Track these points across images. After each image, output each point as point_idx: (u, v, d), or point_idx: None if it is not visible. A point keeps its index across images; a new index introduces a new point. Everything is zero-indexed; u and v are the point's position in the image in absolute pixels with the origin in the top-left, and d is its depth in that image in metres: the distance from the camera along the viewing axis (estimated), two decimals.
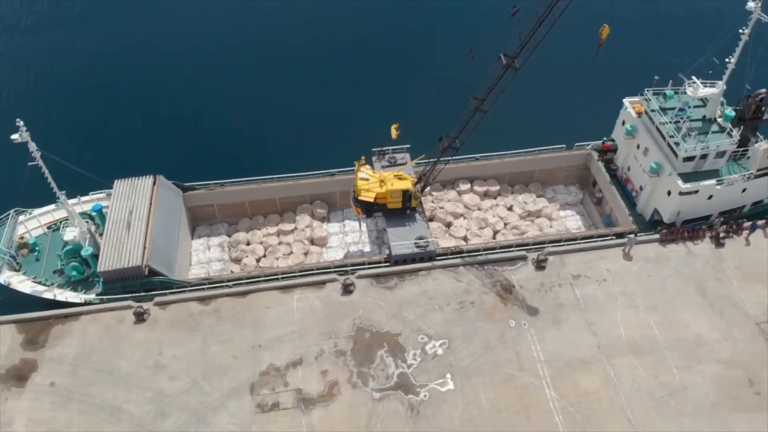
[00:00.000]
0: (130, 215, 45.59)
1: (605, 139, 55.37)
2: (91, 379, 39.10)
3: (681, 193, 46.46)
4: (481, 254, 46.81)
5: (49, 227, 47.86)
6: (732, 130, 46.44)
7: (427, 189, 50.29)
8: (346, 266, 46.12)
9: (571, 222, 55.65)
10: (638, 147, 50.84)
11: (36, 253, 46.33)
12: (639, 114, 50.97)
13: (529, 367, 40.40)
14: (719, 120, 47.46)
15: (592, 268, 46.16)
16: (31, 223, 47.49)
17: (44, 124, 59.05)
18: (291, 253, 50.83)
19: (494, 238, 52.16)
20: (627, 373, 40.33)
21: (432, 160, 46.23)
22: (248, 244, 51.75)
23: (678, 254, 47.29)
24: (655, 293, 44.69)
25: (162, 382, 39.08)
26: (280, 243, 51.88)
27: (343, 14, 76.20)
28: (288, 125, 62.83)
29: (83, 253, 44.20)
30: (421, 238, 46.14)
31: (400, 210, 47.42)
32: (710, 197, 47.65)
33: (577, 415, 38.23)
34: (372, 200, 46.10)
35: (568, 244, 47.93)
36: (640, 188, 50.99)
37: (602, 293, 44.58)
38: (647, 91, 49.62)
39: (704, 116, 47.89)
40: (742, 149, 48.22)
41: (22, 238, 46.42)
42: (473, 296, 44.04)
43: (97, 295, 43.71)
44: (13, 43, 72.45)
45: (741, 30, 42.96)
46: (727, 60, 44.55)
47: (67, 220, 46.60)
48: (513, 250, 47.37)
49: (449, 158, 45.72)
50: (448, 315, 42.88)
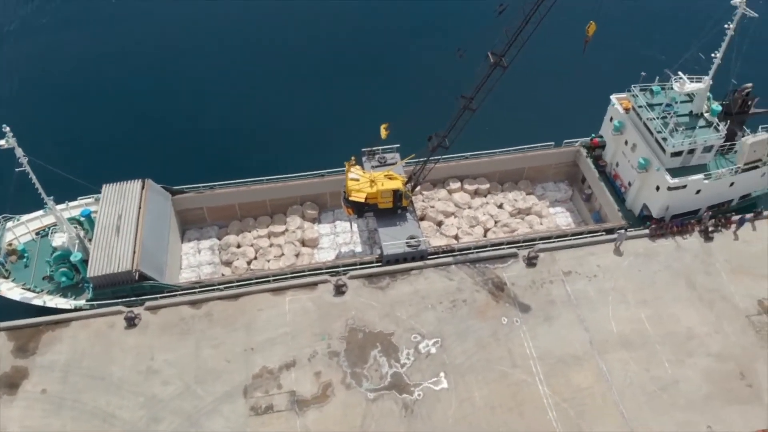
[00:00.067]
0: (119, 220, 45.30)
1: (593, 135, 55.64)
2: (82, 385, 38.81)
3: (669, 188, 46.77)
4: (473, 252, 46.90)
5: (37, 233, 47.47)
6: (719, 125, 46.79)
7: (418, 188, 50.30)
8: (337, 267, 46.06)
9: (561, 219, 55.89)
10: (626, 143, 51.14)
11: (25, 260, 45.92)
12: (626, 110, 51.25)
13: (522, 363, 40.52)
14: (706, 115, 47.82)
15: (582, 264, 46.38)
16: (20, 230, 47.09)
17: (30, 130, 58.19)
18: (282, 254, 50.69)
19: (485, 236, 52.29)
20: (619, 368, 40.55)
21: (422, 159, 46.26)
22: (239, 246, 51.57)
23: (667, 249, 47.60)
24: (645, 288, 44.96)
25: (154, 387, 38.86)
26: (271, 245, 51.73)
27: (330, 15, 76.08)
28: (277, 126, 62.65)
29: (72, 258, 43.87)
30: (412, 238, 46.16)
31: (391, 210, 47.42)
32: (698, 192, 48.00)
33: (570, 411, 38.39)
34: (363, 200, 46.07)
35: (558, 241, 48.12)
36: (629, 184, 51.29)
37: (593, 289, 44.79)
38: (634, 87, 49.92)
39: (691, 111, 48.23)
40: (729, 143, 48.63)
41: (10, 244, 46.03)
42: (465, 294, 44.12)
43: (87, 300, 43.41)
44: None
45: (726, 25, 43.30)
46: (713, 55, 44.88)
47: (55, 225, 46.25)
48: (504, 248, 47.52)
49: (439, 157, 45.80)
50: (440, 314, 42.93)
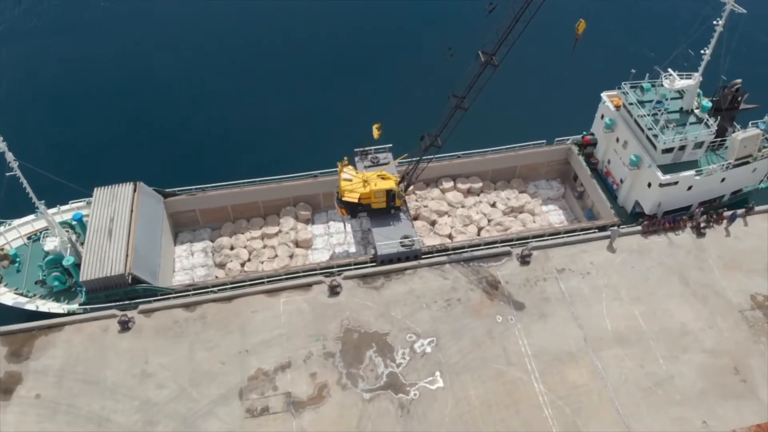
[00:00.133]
0: (111, 223, 45.10)
1: (585, 133, 55.86)
2: (77, 390, 38.62)
3: (661, 185, 46.98)
4: (466, 251, 46.96)
5: (29, 238, 47.22)
6: (709, 121, 47.05)
7: (411, 188, 50.28)
8: (332, 268, 46.02)
9: (554, 216, 56.02)
10: (617, 140, 51.31)
11: (17, 265, 45.66)
12: (617, 107, 51.45)
13: (517, 361, 40.61)
14: (696, 111, 48.08)
15: (576, 262, 46.52)
16: (11, 234, 46.84)
17: (21, 134, 57.99)
18: (276, 256, 50.59)
19: (479, 234, 52.39)
20: (614, 364, 40.70)
21: (414, 158, 46.29)
22: (232, 248, 51.42)
23: (660, 245, 47.81)
24: (638, 284, 45.15)
25: (149, 391, 38.69)
26: (264, 246, 51.62)
27: (321, 16, 76.02)
28: (269, 127, 62.53)
29: (65, 262, 43.68)
30: (406, 237, 46.17)
31: (385, 210, 47.44)
32: (690, 188, 48.23)
33: (566, 408, 38.49)
34: (356, 201, 46.06)
35: (551, 239, 48.25)
36: (621, 181, 51.48)
37: (587, 286, 44.94)
38: (625, 84, 50.15)
39: (681, 108, 48.47)
40: (719, 139, 48.90)
41: (2, 249, 45.80)
42: (460, 293, 44.16)
43: (80, 305, 43.21)
44: None
45: (715, 21, 43.52)
46: (702, 52, 45.10)
47: (47, 230, 46.02)
48: (497, 246, 47.61)
49: (432, 157, 45.83)
50: (435, 313, 42.96)
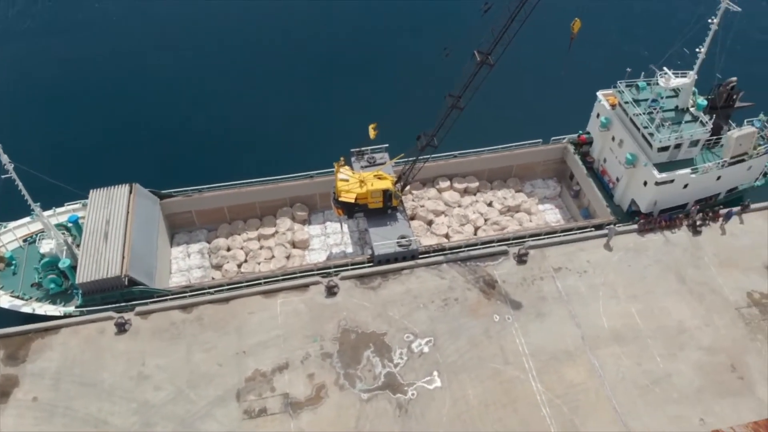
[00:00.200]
0: (107, 225, 44.99)
1: (581, 132, 55.88)
2: (74, 392, 38.49)
3: (657, 183, 47.06)
4: (463, 251, 46.98)
5: (24, 240, 47.04)
6: (704, 119, 47.16)
7: (407, 188, 50.33)
8: (329, 268, 45.97)
9: (550, 215, 56.08)
10: (613, 139, 51.40)
11: (12, 267, 45.48)
12: (613, 106, 51.50)
13: (514, 360, 40.62)
14: (692, 109, 48.19)
15: (572, 260, 46.57)
16: (7, 237, 46.63)
17: (15, 136, 57.83)
18: (273, 257, 50.54)
19: (475, 234, 52.42)
20: (611, 362, 40.74)
21: (411, 158, 46.29)
22: (228, 249, 51.35)
23: (656, 243, 47.90)
24: (635, 283, 45.22)
25: (146, 393, 38.59)
26: (261, 247, 51.55)
27: (316, 16, 76.07)
28: (265, 128, 62.45)
29: (61, 265, 43.52)
30: (403, 237, 46.16)
31: (381, 210, 47.41)
32: (686, 186, 48.34)
33: (564, 407, 38.52)
34: (353, 201, 46.01)
35: (548, 238, 48.30)
36: (617, 179, 51.56)
37: (584, 284, 44.99)
38: (620, 83, 50.18)
39: (677, 106, 48.57)
40: (715, 137, 48.95)
41: None
42: (457, 293, 44.17)
43: (76, 307, 43.07)
44: None
45: (710, 20, 43.63)
46: (697, 50, 45.21)
47: (42, 232, 45.91)
48: (494, 246, 47.63)
49: (428, 156, 45.82)
50: (432, 312, 42.96)
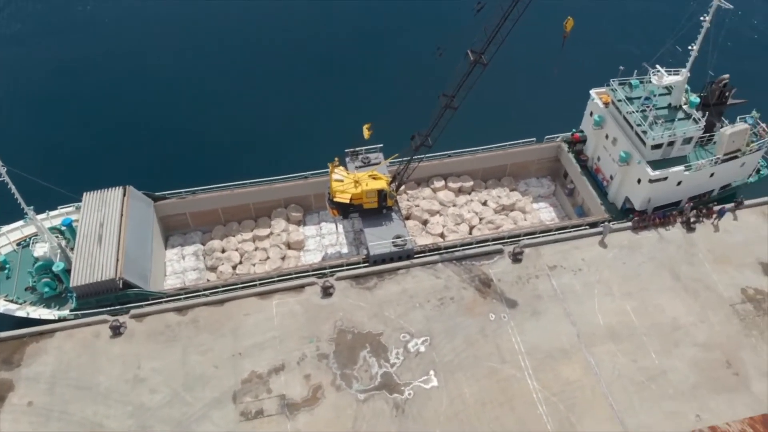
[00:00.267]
0: (101, 228, 44.82)
1: (574, 130, 56.01)
2: (69, 396, 38.33)
3: (651, 181, 47.20)
4: (459, 250, 47.02)
5: (18, 244, 46.75)
6: (697, 117, 47.33)
7: (402, 188, 50.34)
8: (324, 269, 45.92)
9: (545, 214, 56.17)
10: (607, 137, 51.54)
11: (6, 271, 45.23)
12: (606, 104, 51.65)
13: (510, 359, 40.69)
14: (684, 107, 48.34)
15: (567, 258, 46.67)
16: (0, 241, 46.35)
17: (8, 139, 58.03)
18: (268, 258, 50.46)
19: (470, 233, 52.47)
20: (607, 360, 40.87)
21: (405, 158, 46.29)
22: (223, 251, 51.22)
23: (650, 240, 48.06)
24: (630, 280, 45.35)
25: (142, 396, 38.47)
26: (256, 249, 51.45)
27: (308, 16, 75.92)
28: (258, 129, 62.32)
29: (55, 268, 43.31)
30: (398, 237, 46.15)
31: (376, 210, 47.39)
32: (679, 183, 48.50)
33: (560, 405, 38.61)
34: (347, 201, 45.98)
35: (542, 236, 48.38)
36: (611, 177, 51.68)
37: (579, 282, 45.09)
38: (613, 81, 50.33)
39: (670, 104, 48.70)
40: (708, 135, 49.18)
41: None
42: (452, 292, 44.20)
43: (71, 310, 42.88)
44: None
45: (702, 17, 43.79)
46: (689, 48, 45.37)
47: (36, 235, 45.63)
48: (489, 245, 47.69)
49: (422, 156, 45.84)
50: (428, 312, 42.97)
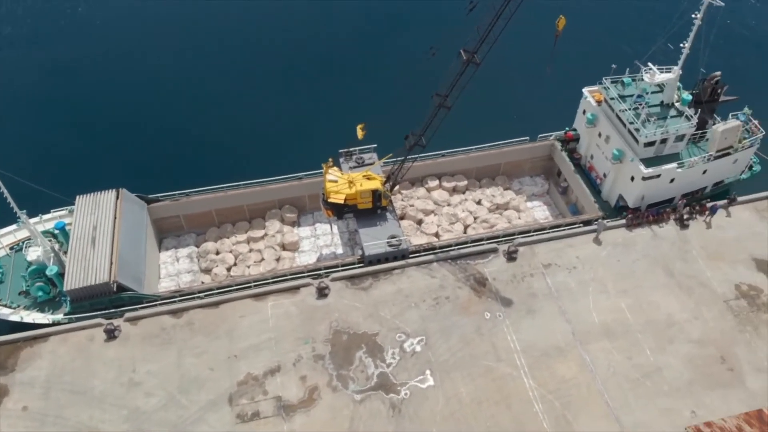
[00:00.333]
0: (94, 231, 44.62)
1: (567, 129, 56.15)
2: (64, 400, 38.15)
3: (644, 178, 47.35)
4: (453, 249, 47.06)
5: (11, 248, 46.55)
6: (690, 114, 47.50)
7: (396, 188, 50.33)
8: (319, 270, 45.87)
9: (539, 212, 56.29)
10: (600, 135, 51.66)
11: None
12: (599, 102, 51.80)
13: (506, 357, 40.75)
14: (677, 104, 48.51)
15: (561, 257, 46.76)
16: None
17: None
18: (262, 259, 50.36)
19: (465, 232, 52.52)
20: (602, 357, 40.97)
21: (399, 158, 46.29)
22: (218, 253, 51.08)
23: (644, 238, 48.21)
24: (624, 277, 45.48)
25: (138, 399, 38.33)
26: (250, 250, 51.34)
27: (302, 17, 75.83)
28: (252, 130, 62.20)
29: (48, 272, 43.14)
30: (393, 237, 46.15)
31: (371, 210, 47.34)
32: (672, 180, 48.68)
33: (556, 402, 38.69)
34: (342, 202, 45.92)
35: (537, 234, 48.45)
36: (604, 175, 51.82)
37: (573, 280, 45.19)
38: (605, 79, 50.43)
39: (662, 101, 48.89)
40: (700, 132, 49.36)
41: None
42: (448, 291, 44.23)
43: (65, 314, 42.70)
44: None
45: (693, 15, 43.94)
46: (681, 45, 45.54)
47: (29, 239, 45.45)
48: (484, 244, 47.73)
49: (416, 156, 45.82)
50: (424, 311, 42.98)
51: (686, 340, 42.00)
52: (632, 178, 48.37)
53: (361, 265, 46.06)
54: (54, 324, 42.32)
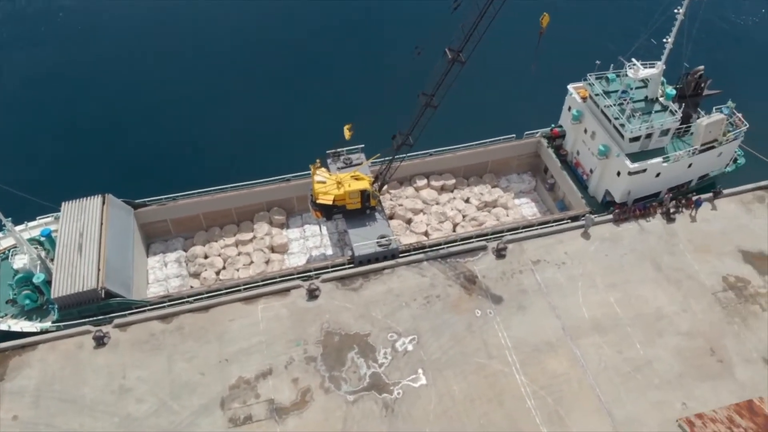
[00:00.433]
0: (80, 237, 44.28)
1: (553, 125, 56.43)
2: (54, 409, 37.78)
3: (630, 173, 47.68)
4: (443, 248, 47.12)
5: None
6: (674, 108, 47.88)
7: (385, 187, 50.33)
8: (309, 271, 45.77)
9: (527, 209, 56.52)
10: (585, 131, 51.95)
11: None
12: (584, 99, 52.05)
13: (497, 354, 40.84)
14: (661, 99, 48.89)
15: (550, 253, 46.95)
16: None
17: None
18: (251, 262, 50.16)
19: (454, 230, 52.64)
20: (593, 352, 41.17)
21: (387, 158, 46.32)
22: (206, 257, 50.79)
23: (631, 232, 48.52)
24: (613, 272, 45.73)
25: (129, 406, 38.02)
26: (239, 253, 51.12)
27: (286, 17, 75.66)
28: (238, 132, 61.89)
29: (35, 280, 42.73)
30: (382, 237, 46.15)
31: (360, 210, 47.31)
32: (658, 175, 49.05)
33: (548, 398, 38.83)
34: (331, 203, 45.84)
35: (525, 231, 48.65)
36: (591, 171, 52.12)
37: (562, 276, 45.39)
38: (590, 75, 50.76)
39: (646, 96, 49.25)
40: (685, 126, 49.75)
41: None
42: (438, 290, 44.28)
43: (53, 322, 42.35)
44: None
45: (676, 9, 44.27)
46: (664, 40, 45.85)
47: (15, 247, 45.02)
48: (473, 241, 47.86)
49: (404, 155, 45.88)
50: (415, 311, 43.00)
51: (675, 333, 42.31)
52: (618, 173, 48.68)
53: (351, 265, 46.00)
54: (42, 332, 41.94)
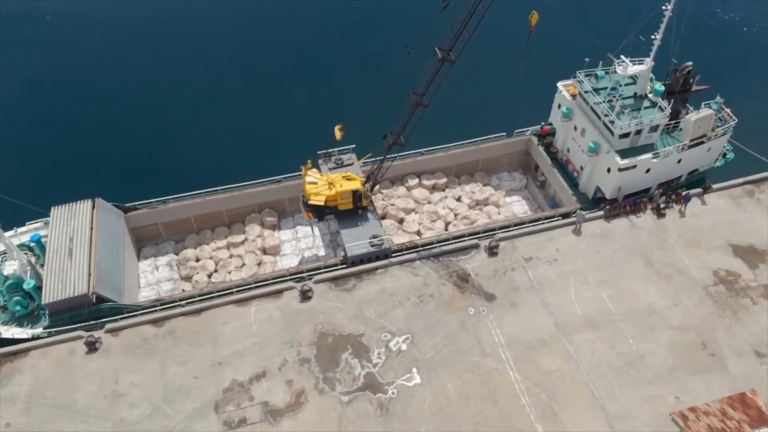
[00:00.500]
0: (71, 242, 43.99)
1: (543, 123, 56.60)
2: (47, 415, 37.52)
3: (620, 169, 47.87)
4: (435, 247, 47.14)
5: None
6: (663, 104, 48.12)
7: (377, 187, 50.28)
8: (302, 272, 45.65)
9: (518, 207, 56.63)
10: (575, 128, 52.11)
11: None
12: (573, 96, 52.21)
13: (491, 352, 40.93)
14: (650, 95, 49.10)
15: (542, 250, 47.11)
16: None
17: None
18: (243, 265, 49.98)
19: (446, 229, 52.66)
20: (586, 348, 41.36)
21: (378, 158, 46.27)
22: (198, 260, 50.57)
23: (622, 228, 48.76)
24: (604, 268, 45.94)
25: (122, 411, 37.82)
26: (231, 256, 50.93)
27: (276, 18, 75.50)
28: (228, 134, 61.66)
29: (25, 286, 42.38)
30: (375, 237, 46.12)
31: (352, 210, 47.27)
32: (648, 170, 49.26)
33: (542, 394, 38.96)
34: (322, 203, 45.76)
35: (517, 229, 48.78)
36: (581, 168, 52.28)
37: (554, 273, 45.55)
38: (579, 73, 50.89)
39: (635, 93, 49.45)
40: (674, 122, 50.05)
41: None
42: (431, 289, 44.31)
43: (44, 328, 42.02)
44: None
45: (664, 6, 44.49)
46: (652, 37, 46.09)
47: (5, 253, 44.66)
48: (465, 240, 47.92)
49: (395, 155, 45.85)
50: (408, 310, 43.02)
51: (667, 328, 42.55)
52: (609, 170, 48.86)
53: (344, 266, 45.95)
54: (34, 338, 41.65)
